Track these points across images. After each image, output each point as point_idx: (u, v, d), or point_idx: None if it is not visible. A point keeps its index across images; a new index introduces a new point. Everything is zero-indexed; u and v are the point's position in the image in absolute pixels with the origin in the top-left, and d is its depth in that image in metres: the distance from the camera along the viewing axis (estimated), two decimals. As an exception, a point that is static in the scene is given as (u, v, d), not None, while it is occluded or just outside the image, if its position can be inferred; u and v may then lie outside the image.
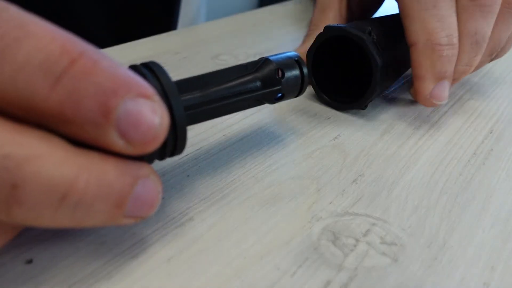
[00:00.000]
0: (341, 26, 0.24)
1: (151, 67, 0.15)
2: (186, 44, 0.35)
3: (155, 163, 0.15)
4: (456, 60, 0.24)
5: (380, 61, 0.23)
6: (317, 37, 0.25)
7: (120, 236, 0.16)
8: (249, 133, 0.23)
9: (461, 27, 0.24)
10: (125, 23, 0.43)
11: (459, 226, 0.18)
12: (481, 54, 0.25)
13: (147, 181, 0.13)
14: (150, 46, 0.34)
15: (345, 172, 0.21)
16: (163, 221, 0.17)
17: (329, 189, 0.20)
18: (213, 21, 0.41)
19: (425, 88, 0.24)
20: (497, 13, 0.25)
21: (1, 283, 0.14)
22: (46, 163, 0.11)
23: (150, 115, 0.12)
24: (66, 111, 0.11)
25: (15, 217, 0.11)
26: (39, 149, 0.11)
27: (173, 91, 0.14)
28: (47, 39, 0.11)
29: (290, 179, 0.20)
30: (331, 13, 0.30)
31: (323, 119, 0.25)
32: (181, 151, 0.15)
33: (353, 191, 0.20)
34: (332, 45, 0.25)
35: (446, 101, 0.25)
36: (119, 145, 0.12)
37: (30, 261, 0.15)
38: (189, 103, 0.16)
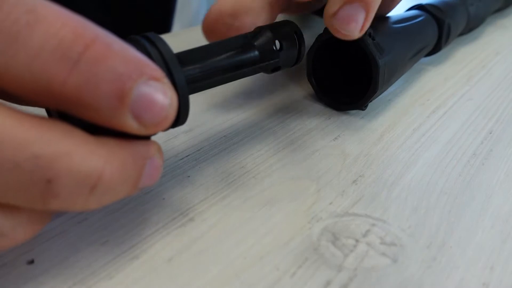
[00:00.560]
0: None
1: (151, 39, 0.15)
2: (186, 44, 0.35)
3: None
4: None
5: (380, 62, 0.23)
6: (317, 38, 0.25)
7: (120, 236, 0.16)
8: (249, 134, 0.23)
9: None
10: (123, 24, 0.43)
11: (459, 226, 0.18)
12: None
13: (153, 158, 0.14)
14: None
15: (345, 172, 0.21)
16: (164, 222, 0.17)
17: (329, 190, 0.20)
18: (213, 22, 0.41)
19: (330, 6, 0.21)
20: None
21: (3, 284, 0.14)
22: (75, 159, 0.12)
23: (161, 97, 0.13)
24: (83, 96, 0.12)
25: (51, 207, 0.12)
26: (66, 146, 0.12)
27: (175, 64, 0.15)
28: (58, 24, 0.12)
29: (290, 180, 0.20)
30: None
31: (323, 119, 0.25)
32: (184, 121, 0.16)
33: (353, 192, 0.20)
34: (332, 45, 0.25)
35: (357, 31, 0.21)
36: (133, 127, 0.13)
37: (31, 262, 0.15)
38: (189, 74, 0.17)
